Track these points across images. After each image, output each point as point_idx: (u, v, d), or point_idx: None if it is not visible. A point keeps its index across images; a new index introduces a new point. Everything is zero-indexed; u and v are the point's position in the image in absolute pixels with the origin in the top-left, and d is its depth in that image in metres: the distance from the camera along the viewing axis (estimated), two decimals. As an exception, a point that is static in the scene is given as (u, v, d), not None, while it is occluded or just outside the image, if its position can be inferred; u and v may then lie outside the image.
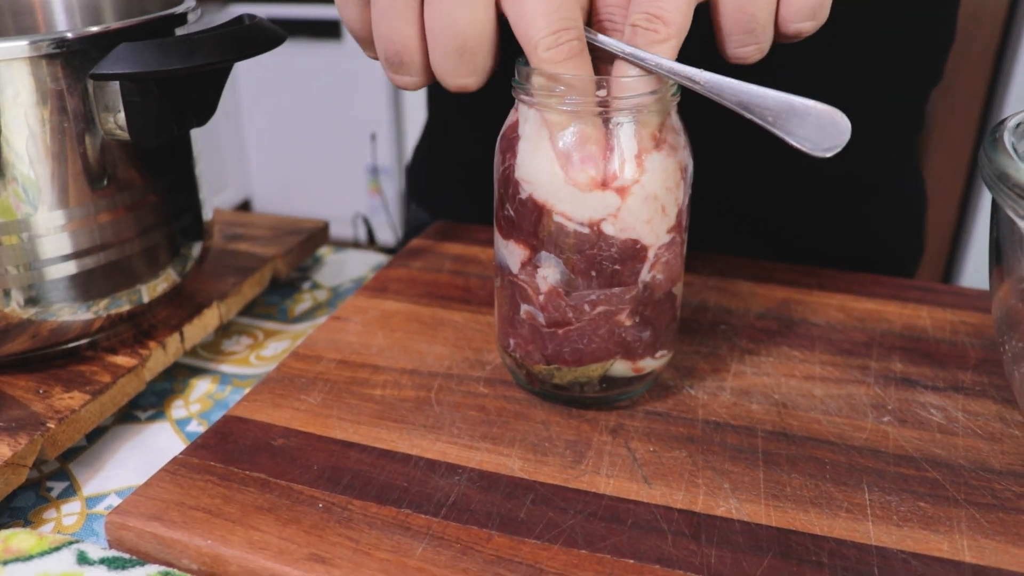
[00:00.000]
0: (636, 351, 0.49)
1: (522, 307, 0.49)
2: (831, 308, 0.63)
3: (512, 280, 0.49)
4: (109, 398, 0.54)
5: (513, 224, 0.48)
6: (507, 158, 0.47)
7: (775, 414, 0.51)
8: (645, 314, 0.48)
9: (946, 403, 0.52)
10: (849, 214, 0.81)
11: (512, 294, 0.50)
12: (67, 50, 0.49)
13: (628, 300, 0.47)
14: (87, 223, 0.53)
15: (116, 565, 0.41)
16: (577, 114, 0.44)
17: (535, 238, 0.47)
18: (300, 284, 0.77)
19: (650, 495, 0.45)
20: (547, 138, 0.45)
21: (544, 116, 0.45)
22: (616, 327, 0.48)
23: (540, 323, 0.49)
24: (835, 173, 0.76)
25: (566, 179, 0.44)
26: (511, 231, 0.48)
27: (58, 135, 0.50)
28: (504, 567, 0.40)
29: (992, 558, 0.41)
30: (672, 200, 0.46)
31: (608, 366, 0.49)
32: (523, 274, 0.48)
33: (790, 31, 0.46)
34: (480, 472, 0.47)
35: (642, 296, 0.47)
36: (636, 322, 0.48)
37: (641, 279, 0.47)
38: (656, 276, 0.47)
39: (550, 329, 0.48)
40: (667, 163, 0.45)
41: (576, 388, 0.50)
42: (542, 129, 0.45)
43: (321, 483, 0.46)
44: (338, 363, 0.56)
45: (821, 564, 0.40)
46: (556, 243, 0.46)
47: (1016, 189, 0.40)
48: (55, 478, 0.53)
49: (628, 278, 0.47)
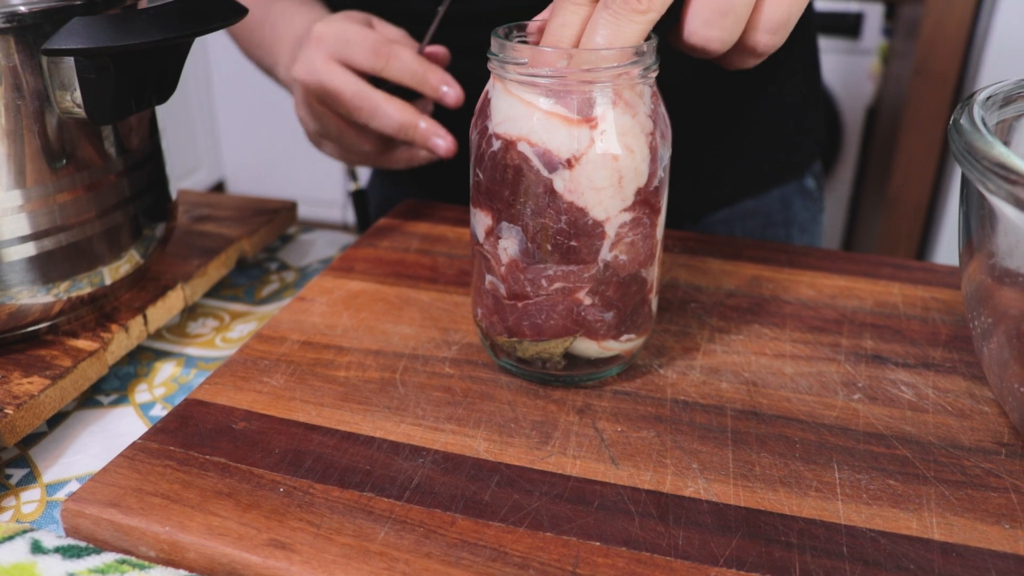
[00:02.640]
0: (598, 331, 0.48)
1: (487, 277, 0.49)
2: (802, 285, 0.63)
3: (479, 250, 0.49)
4: (70, 383, 0.53)
5: (480, 187, 0.47)
6: (479, 123, 0.47)
7: (745, 392, 0.51)
8: (607, 295, 0.47)
9: (916, 380, 0.52)
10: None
11: (479, 264, 0.50)
12: (19, 24, 0.47)
13: (587, 279, 0.47)
14: (45, 203, 0.52)
15: (71, 554, 0.40)
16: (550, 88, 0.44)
17: (500, 200, 0.46)
18: (268, 265, 0.76)
19: (617, 476, 0.44)
20: (516, 85, 0.45)
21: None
22: (575, 304, 0.47)
23: (502, 294, 0.49)
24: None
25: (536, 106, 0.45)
26: (478, 196, 0.48)
27: (12, 113, 0.49)
28: (468, 551, 0.39)
29: (961, 535, 0.40)
30: (631, 171, 0.45)
31: (568, 343, 0.48)
32: (487, 244, 0.48)
33: (757, 40, 0.47)
34: (445, 454, 0.46)
35: (602, 276, 0.47)
36: (596, 302, 0.48)
37: (601, 258, 0.46)
38: (619, 256, 0.47)
39: (510, 301, 0.48)
40: (624, 120, 0.45)
41: (538, 363, 0.50)
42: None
43: (283, 467, 0.45)
44: (302, 344, 0.56)
45: (790, 544, 0.40)
46: (516, 200, 0.46)
47: (984, 162, 0.40)
48: (14, 465, 0.52)
49: (587, 255, 0.46)
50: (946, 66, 2.07)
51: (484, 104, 0.48)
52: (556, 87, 0.44)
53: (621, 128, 0.44)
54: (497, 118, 0.46)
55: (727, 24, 0.46)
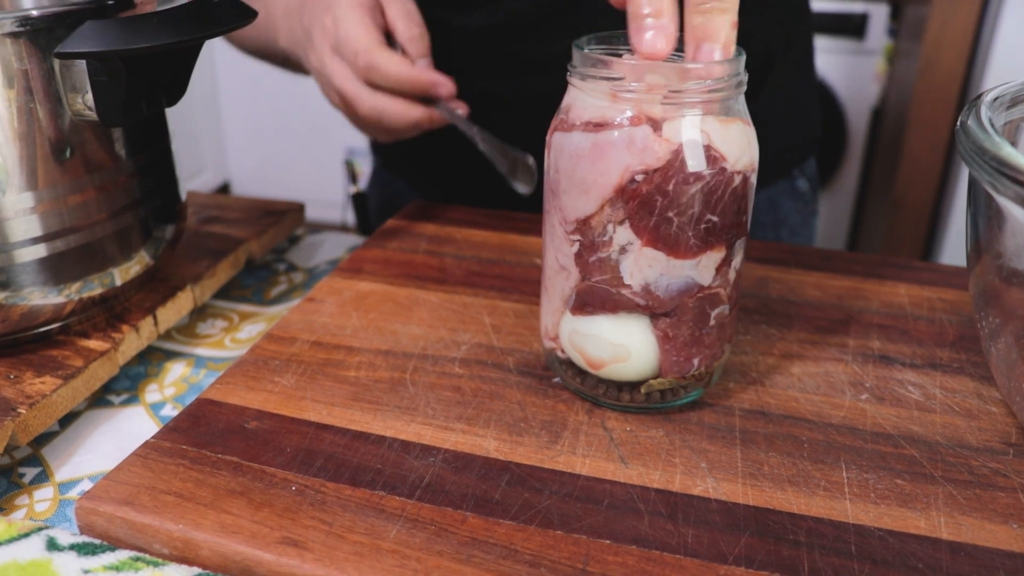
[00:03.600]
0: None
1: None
2: (808, 286, 0.63)
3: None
4: (81, 383, 0.53)
5: (713, 229, 0.46)
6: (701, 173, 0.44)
7: (753, 392, 0.51)
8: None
9: (924, 380, 0.52)
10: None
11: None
12: (31, 28, 0.48)
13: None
14: (57, 205, 0.52)
15: (86, 551, 0.41)
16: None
17: (739, 227, 0.47)
18: (276, 266, 0.76)
19: (627, 475, 0.45)
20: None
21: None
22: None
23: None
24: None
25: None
26: (708, 238, 0.46)
27: (25, 116, 0.49)
28: (479, 548, 0.40)
29: (969, 534, 0.41)
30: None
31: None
32: (719, 279, 0.48)
33: None
34: (455, 453, 0.46)
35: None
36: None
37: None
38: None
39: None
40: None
41: (656, 395, 0.50)
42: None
43: (294, 466, 0.45)
44: (312, 345, 0.56)
45: (799, 543, 0.40)
46: (746, 219, 0.47)
47: (992, 163, 0.40)
48: (27, 464, 0.52)
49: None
50: (951, 67, 2.06)
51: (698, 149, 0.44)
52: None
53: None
54: (732, 156, 0.44)
55: None
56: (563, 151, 0.45)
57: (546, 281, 0.50)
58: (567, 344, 0.50)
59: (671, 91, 0.42)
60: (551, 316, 0.50)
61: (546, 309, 0.51)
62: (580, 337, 0.48)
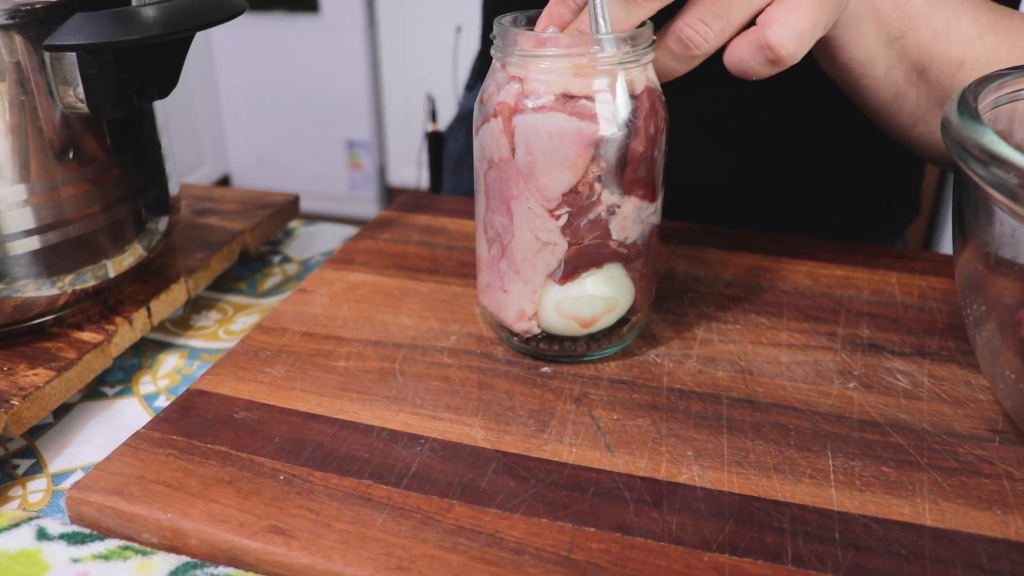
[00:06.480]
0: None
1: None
2: (799, 275, 0.63)
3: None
4: (75, 375, 0.54)
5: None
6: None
7: (741, 381, 0.51)
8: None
9: (912, 368, 0.52)
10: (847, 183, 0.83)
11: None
12: (22, 21, 0.48)
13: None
14: (50, 198, 0.52)
15: (76, 540, 0.41)
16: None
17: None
18: (270, 258, 0.76)
19: (613, 463, 0.45)
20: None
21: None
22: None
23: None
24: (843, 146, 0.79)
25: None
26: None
27: (16, 108, 0.50)
28: (464, 536, 0.40)
29: (952, 520, 0.41)
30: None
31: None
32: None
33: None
34: (442, 442, 0.46)
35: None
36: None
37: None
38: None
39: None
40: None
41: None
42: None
43: (283, 455, 0.45)
44: (303, 335, 0.56)
45: (783, 530, 0.40)
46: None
47: (976, 151, 0.40)
48: (21, 455, 0.52)
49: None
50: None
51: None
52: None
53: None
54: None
55: (719, 23, 0.47)
56: (538, 131, 0.46)
57: (518, 265, 0.50)
58: (553, 316, 0.51)
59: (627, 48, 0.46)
60: (527, 297, 0.51)
61: (519, 292, 0.51)
62: (571, 303, 0.51)
